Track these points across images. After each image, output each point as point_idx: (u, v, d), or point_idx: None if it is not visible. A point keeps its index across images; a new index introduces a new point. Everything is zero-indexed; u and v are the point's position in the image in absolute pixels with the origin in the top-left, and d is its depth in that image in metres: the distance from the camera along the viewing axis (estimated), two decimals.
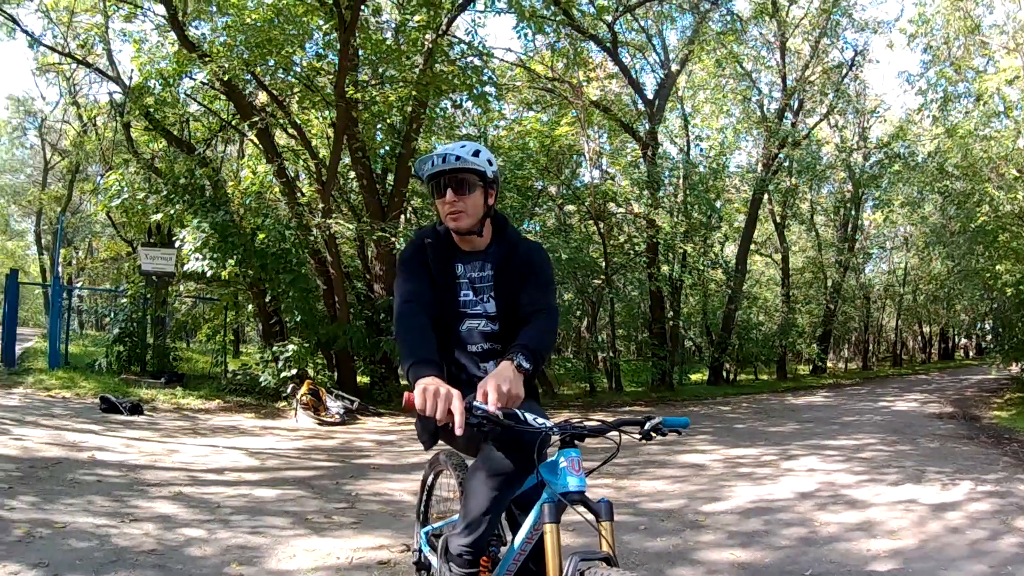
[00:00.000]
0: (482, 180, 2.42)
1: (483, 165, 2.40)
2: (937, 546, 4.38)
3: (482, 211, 2.45)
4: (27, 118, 31.68)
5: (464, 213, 2.42)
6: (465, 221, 2.43)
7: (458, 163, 2.38)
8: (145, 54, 12.89)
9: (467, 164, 2.38)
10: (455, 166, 2.38)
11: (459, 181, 2.40)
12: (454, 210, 2.41)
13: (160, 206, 11.88)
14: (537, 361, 2.23)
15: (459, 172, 2.40)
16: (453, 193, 2.39)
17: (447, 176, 2.40)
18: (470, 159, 2.38)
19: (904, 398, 16.12)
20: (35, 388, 10.58)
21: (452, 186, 2.39)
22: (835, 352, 35.52)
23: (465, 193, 2.40)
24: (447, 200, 2.40)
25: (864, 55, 22.57)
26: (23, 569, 3.46)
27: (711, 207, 19.41)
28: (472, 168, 2.39)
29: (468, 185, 2.40)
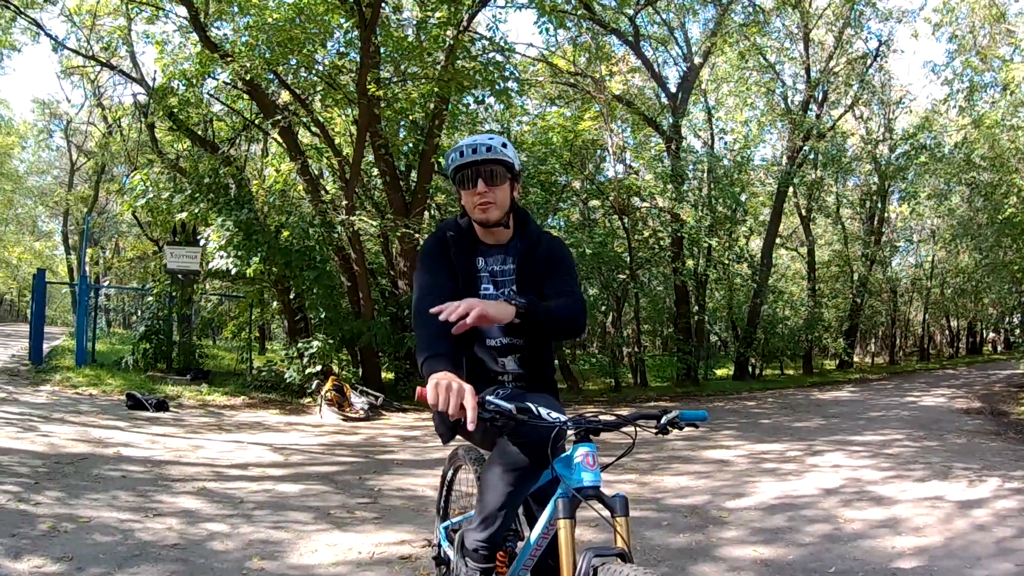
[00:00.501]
0: (510, 172, 2.42)
1: (512, 157, 2.40)
2: (963, 544, 4.31)
3: (508, 203, 2.45)
4: (53, 120, 32.17)
5: (494, 204, 2.40)
6: (495, 213, 2.42)
7: (490, 154, 2.36)
8: (168, 55, 13.02)
9: (498, 155, 2.37)
10: (487, 156, 2.36)
11: (490, 172, 2.38)
12: (484, 201, 2.39)
13: (184, 205, 11.98)
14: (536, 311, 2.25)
15: (490, 163, 2.38)
16: (484, 184, 2.38)
17: (478, 167, 2.38)
18: (500, 150, 2.37)
19: (931, 393, 15.89)
20: (62, 385, 10.74)
21: (483, 176, 2.38)
22: (861, 346, 35.12)
23: (496, 184, 2.39)
24: (478, 191, 2.39)
25: (888, 45, 22.26)
26: (47, 563, 3.51)
27: (736, 201, 19.25)
28: (503, 159, 2.38)
29: (498, 176, 2.39)
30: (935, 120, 23.11)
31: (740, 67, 21.51)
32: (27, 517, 4.25)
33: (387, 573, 3.65)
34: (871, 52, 22.20)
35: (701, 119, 23.12)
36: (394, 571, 3.68)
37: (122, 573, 3.44)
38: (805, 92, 22.01)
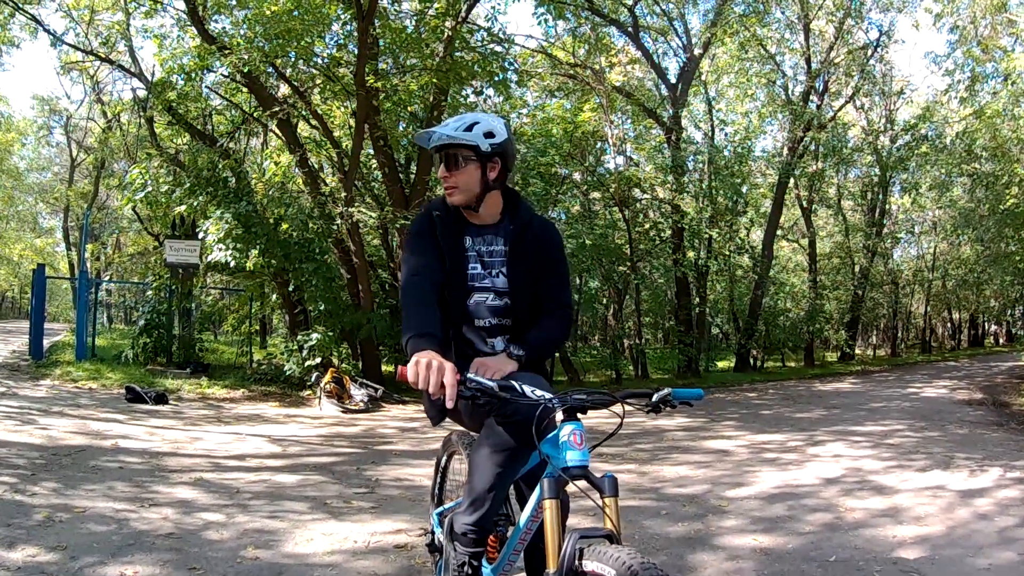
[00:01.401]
0: (476, 154, 2.37)
1: (476, 139, 2.35)
2: (965, 533, 4.29)
3: (478, 186, 2.40)
4: (52, 117, 32.19)
5: (456, 188, 2.40)
6: (457, 196, 2.42)
7: (447, 139, 2.36)
8: (167, 50, 12.97)
9: (455, 140, 2.35)
10: (445, 142, 2.37)
11: (449, 156, 2.39)
12: (447, 185, 2.41)
13: (183, 198, 11.95)
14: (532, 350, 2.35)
15: (448, 148, 2.39)
16: (444, 169, 2.39)
17: (441, 151, 2.40)
18: (458, 135, 2.35)
19: (933, 384, 15.86)
20: (62, 380, 10.75)
21: (443, 162, 2.40)
22: (863, 339, 35.09)
23: (456, 168, 2.38)
24: (440, 175, 2.42)
25: (889, 36, 22.20)
26: (41, 552, 3.50)
27: (736, 192, 19.20)
28: (461, 143, 2.36)
29: (459, 160, 2.38)
30: (936, 111, 23.03)
31: (740, 58, 21.40)
32: (23, 508, 4.25)
33: (382, 562, 3.62)
34: (872, 43, 22.13)
35: (701, 110, 23.03)
36: (389, 560, 3.65)
37: (116, 562, 3.42)
38: (806, 83, 21.91)
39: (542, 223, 2.58)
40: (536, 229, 2.52)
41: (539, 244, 2.51)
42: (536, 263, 2.49)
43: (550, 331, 2.46)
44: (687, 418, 9.99)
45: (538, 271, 2.49)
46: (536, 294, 2.49)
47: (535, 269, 2.49)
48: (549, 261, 2.52)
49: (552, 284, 2.51)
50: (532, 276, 2.48)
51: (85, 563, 3.38)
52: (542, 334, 2.43)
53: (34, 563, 3.36)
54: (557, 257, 2.54)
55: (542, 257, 2.51)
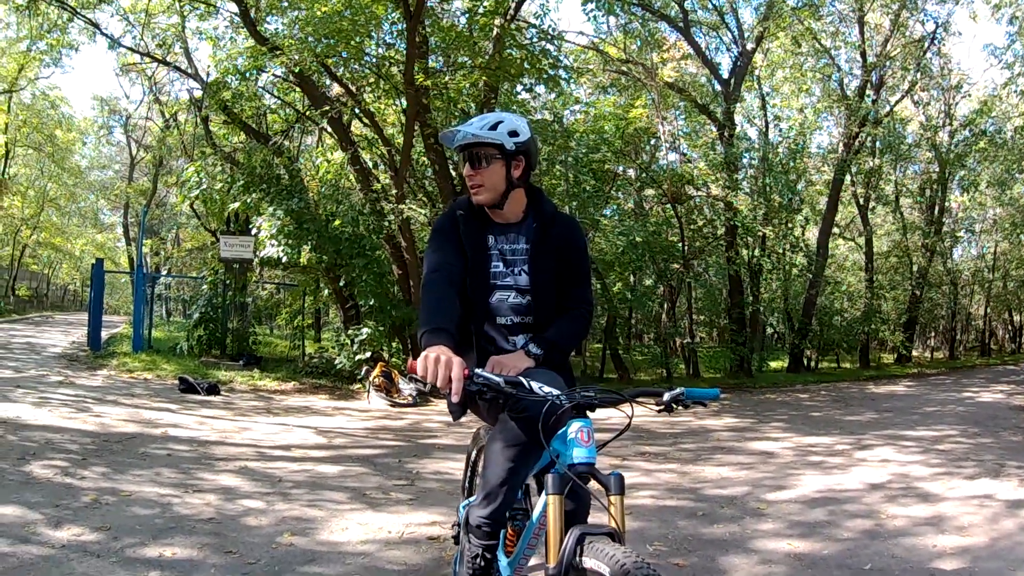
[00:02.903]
0: (501, 153, 2.40)
1: (500, 138, 2.38)
2: (1008, 545, 4.15)
3: (503, 184, 2.44)
4: (112, 116, 33.25)
5: (482, 187, 2.43)
6: (483, 195, 2.45)
7: (472, 139, 2.39)
8: (222, 51, 13.29)
9: (481, 139, 2.38)
10: (468, 142, 2.40)
11: (474, 156, 2.42)
12: (472, 184, 2.44)
13: (238, 195, 12.25)
14: (550, 350, 2.38)
15: (472, 147, 2.41)
16: (470, 168, 2.42)
17: (466, 151, 2.43)
18: (483, 133, 2.38)
19: (990, 389, 15.35)
20: (118, 370, 11.13)
21: (468, 161, 2.42)
22: (920, 340, 34.05)
23: (481, 167, 2.41)
24: (466, 174, 2.44)
25: (947, 28, 21.44)
26: (85, 531, 3.67)
27: (791, 189, 18.83)
28: (486, 142, 2.38)
29: (483, 159, 2.41)
30: (995, 105, 22.19)
31: (794, 52, 20.97)
32: (71, 490, 4.44)
33: (413, 552, 3.70)
34: (928, 35, 21.42)
35: (755, 106, 22.65)
36: (421, 551, 3.73)
37: (156, 543, 3.57)
38: (861, 77, 21.35)
39: (565, 221, 2.60)
40: (559, 227, 2.55)
41: (561, 242, 2.54)
42: (558, 261, 2.52)
43: (569, 329, 2.49)
44: (735, 418, 9.90)
45: (560, 269, 2.52)
46: (558, 292, 2.52)
47: (557, 267, 2.52)
48: (571, 259, 2.54)
49: (573, 282, 2.55)
50: (554, 274, 2.51)
51: (126, 543, 3.54)
52: (561, 332, 2.46)
53: (78, 542, 3.52)
54: (579, 255, 2.57)
55: (564, 255, 2.53)
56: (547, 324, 2.48)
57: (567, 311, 2.53)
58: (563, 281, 2.53)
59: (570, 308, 2.53)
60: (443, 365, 1.88)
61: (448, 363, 1.88)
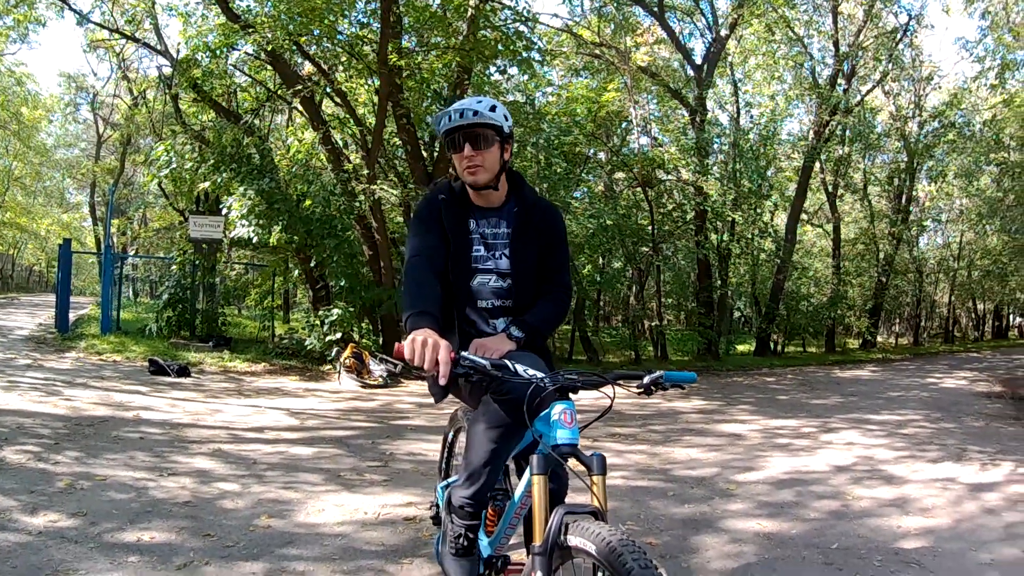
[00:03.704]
0: (499, 135, 2.42)
1: (499, 120, 2.39)
2: (970, 527, 4.28)
3: (499, 166, 2.46)
4: (79, 94, 32.52)
5: (482, 167, 2.42)
6: (482, 175, 2.44)
7: (475, 118, 2.37)
8: (192, 27, 13.05)
9: (484, 119, 2.37)
10: (472, 121, 2.37)
11: (476, 135, 2.39)
12: (471, 164, 2.42)
13: (208, 175, 12.08)
14: (531, 332, 2.41)
15: (476, 127, 2.39)
16: (471, 147, 2.40)
17: (464, 131, 2.40)
18: (487, 114, 2.38)
19: (953, 375, 15.73)
20: (87, 352, 10.97)
21: (469, 140, 2.39)
22: (886, 327, 34.76)
23: (482, 147, 2.40)
24: (464, 155, 2.41)
25: (919, 20, 21.84)
26: (62, 518, 3.63)
27: (761, 175, 19.06)
28: (489, 123, 2.39)
29: (485, 139, 2.40)
30: (965, 98, 22.61)
31: (767, 40, 21.13)
32: (46, 475, 4.39)
33: (390, 533, 3.72)
34: (901, 27, 21.75)
35: (727, 92, 22.82)
36: (398, 531, 3.75)
37: (133, 528, 3.55)
38: (833, 66, 21.61)
39: (545, 206, 2.64)
40: (540, 213, 2.58)
41: (542, 227, 2.57)
42: (539, 246, 2.55)
43: (549, 312, 2.52)
44: (703, 400, 10.03)
45: (540, 254, 2.55)
46: (537, 276, 2.55)
47: (538, 252, 2.55)
48: (551, 244, 2.58)
49: (553, 266, 2.58)
50: (534, 259, 2.54)
51: (104, 528, 3.51)
52: (541, 315, 2.49)
53: (55, 528, 3.48)
54: (559, 240, 2.60)
55: (545, 240, 2.56)
56: (526, 308, 2.51)
57: (546, 295, 2.56)
58: (543, 266, 2.56)
59: (549, 292, 2.56)
60: (430, 348, 1.89)
61: (435, 346, 1.90)
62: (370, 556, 3.38)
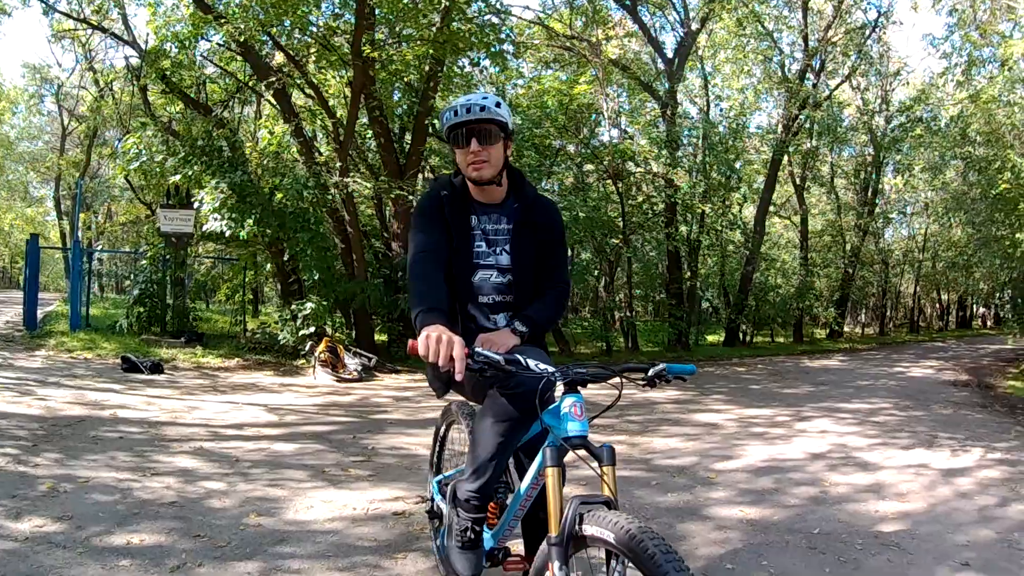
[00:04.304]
0: (503, 131, 2.43)
1: (505, 116, 2.42)
2: (945, 510, 4.43)
3: (501, 162, 2.48)
4: (44, 85, 31.79)
5: (488, 163, 2.43)
6: (488, 171, 2.45)
7: (483, 113, 2.38)
8: (160, 17, 12.84)
9: (492, 115, 2.39)
10: (480, 116, 2.38)
11: (483, 131, 2.40)
12: (478, 160, 2.42)
13: (178, 168, 11.91)
14: (535, 327, 2.43)
15: (484, 123, 2.40)
16: (477, 143, 2.40)
17: (471, 126, 2.40)
18: (494, 109, 2.39)
19: (919, 364, 16.09)
20: (57, 350, 10.78)
21: (476, 136, 2.40)
22: (852, 317, 35.40)
23: (489, 143, 2.41)
24: (471, 150, 2.41)
25: (888, 16, 22.10)
26: (48, 522, 3.55)
27: (730, 168, 19.27)
28: (496, 119, 2.40)
29: (491, 135, 2.41)
30: (932, 93, 23.05)
31: (738, 34, 21.33)
32: (26, 479, 4.28)
33: (381, 528, 3.73)
34: (870, 23, 22.07)
35: (697, 85, 23.01)
36: (388, 526, 3.76)
37: (122, 531, 3.49)
38: (802, 61, 21.89)
39: (544, 203, 2.66)
40: (540, 209, 2.61)
41: (542, 223, 2.59)
42: (539, 242, 2.58)
43: (550, 308, 2.55)
44: (677, 391, 10.13)
45: (540, 249, 2.58)
46: (537, 272, 2.58)
47: (537, 248, 2.57)
48: (551, 240, 2.61)
49: (553, 263, 2.61)
50: (534, 254, 2.57)
51: (92, 532, 3.44)
52: (543, 311, 2.51)
53: (41, 533, 3.39)
54: (558, 236, 2.64)
55: (544, 236, 2.59)
56: (526, 303, 2.54)
57: (546, 290, 2.59)
58: (543, 262, 2.59)
59: (549, 287, 2.60)
60: (444, 344, 1.91)
61: (450, 342, 1.92)
62: (364, 552, 3.38)
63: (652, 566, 1.58)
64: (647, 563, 1.59)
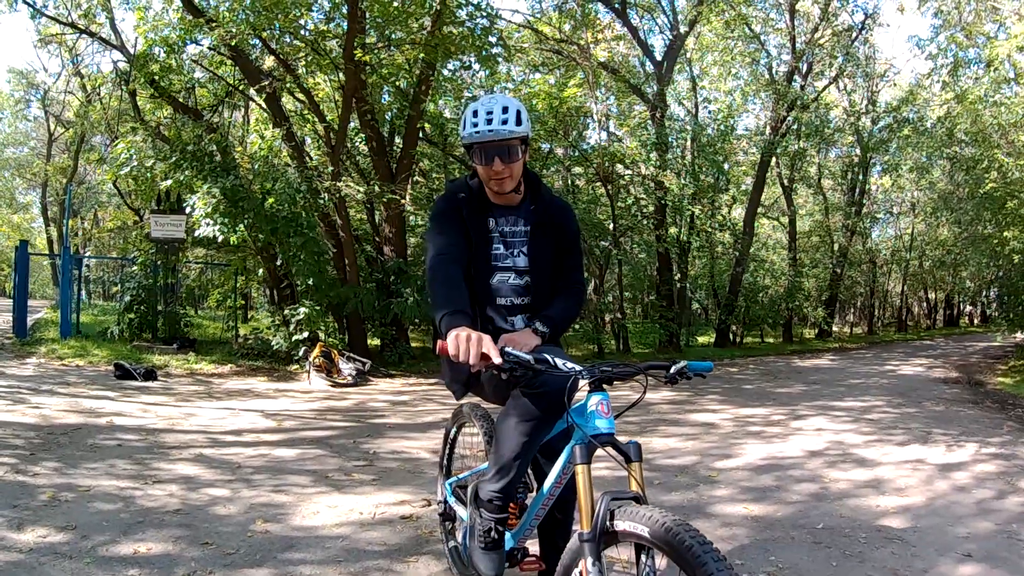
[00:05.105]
0: (524, 143, 2.44)
1: (527, 128, 2.41)
2: (945, 503, 4.48)
3: (521, 171, 2.50)
4: (30, 90, 31.56)
5: (510, 178, 2.46)
6: (509, 185, 2.49)
7: (505, 129, 2.36)
8: (149, 22, 12.77)
9: (516, 133, 2.38)
10: (506, 137, 2.37)
11: (508, 149, 2.40)
12: (502, 177, 2.44)
13: (169, 173, 11.86)
14: (555, 327, 2.47)
15: (509, 140, 2.39)
16: (501, 162, 2.41)
17: (496, 144, 2.39)
18: (518, 129, 2.38)
19: (909, 363, 16.21)
20: (48, 357, 10.69)
21: (499, 154, 2.40)
22: (841, 316, 35.61)
23: (512, 160, 2.42)
24: (495, 168, 2.41)
25: (874, 18, 22.35)
26: (51, 532, 3.50)
27: (719, 169, 19.40)
28: (520, 136, 2.40)
29: (513, 151, 2.42)
30: (918, 94, 23.28)
31: (725, 37, 21.49)
32: (26, 488, 4.22)
33: (390, 532, 3.72)
34: (856, 25, 22.30)
35: (686, 88, 23.13)
36: (396, 530, 3.76)
37: (128, 540, 3.45)
38: (790, 63, 22.06)
39: (560, 205, 2.68)
40: (556, 211, 2.63)
41: (558, 226, 2.62)
42: (555, 244, 2.60)
43: (568, 308, 2.57)
44: (672, 391, 10.19)
45: (556, 251, 2.61)
46: (553, 273, 2.60)
47: (553, 249, 2.60)
48: (567, 242, 2.63)
49: (569, 264, 2.64)
50: (551, 256, 2.59)
51: (97, 542, 3.40)
52: (562, 311, 2.54)
53: (46, 543, 3.35)
54: (573, 238, 2.66)
55: (560, 238, 2.62)
56: (543, 304, 2.56)
57: (563, 291, 2.61)
58: (559, 264, 2.61)
59: (567, 289, 2.62)
60: (474, 343, 1.94)
61: (479, 341, 1.95)
62: (375, 556, 3.38)
63: (690, 557, 1.61)
64: (685, 555, 1.62)
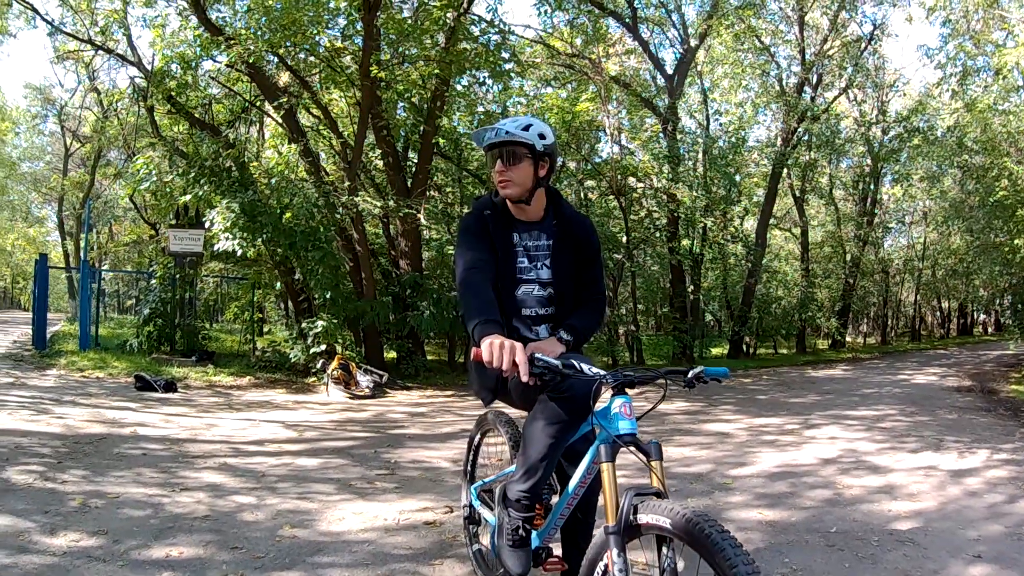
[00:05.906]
0: (531, 152, 2.59)
1: (531, 139, 2.58)
2: (956, 508, 4.56)
3: (531, 182, 2.63)
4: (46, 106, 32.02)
5: (511, 182, 2.62)
6: (512, 189, 2.63)
7: (506, 136, 2.57)
8: (165, 39, 13.03)
9: (513, 137, 2.57)
10: (503, 139, 2.58)
11: (507, 153, 2.60)
12: (502, 179, 2.62)
13: (188, 188, 12.06)
14: (578, 336, 2.62)
15: (507, 144, 2.59)
16: (501, 163, 2.61)
17: (498, 148, 2.61)
18: (517, 133, 2.57)
19: (923, 372, 16.19)
20: (68, 369, 10.87)
21: (501, 157, 2.60)
22: (854, 326, 35.48)
23: (512, 164, 2.60)
24: (497, 169, 2.62)
25: (883, 29, 22.43)
26: (84, 537, 3.61)
27: (731, 181, 19.47)
28: (519, 141, 2.57)
29: (515, 156, 2.60)
30: (928, 104, 23.32)
31: (735, 49, 21.61)
32: (56, 495, 4.33)
33: (415, 537, 3.84)
34: (865, 35, 22.39)
35: (697, 100, 23.27)
36: (421, 535, 3.87)
37: (159, 544, 3.55)
38: (800, 74, 22.16)
39: (581, 219, 2.83)
40: (577, 226, 2.78)
41: (580, 240, 2.76)
42: (576, 257, 2.75)
43: (591, 318, 2.72)
44: (686, 402, 10.26)
45: (578, 264, 2.75)
46: (575, 285, 2.74)
47: (575, 262, 2.75)
48: (588, 254, 2.78)
49: (591, 276, 2.78)
50: (572, 269, 2.74)
51: (129, 546, 3.50)
52: (585, 321, 2.69)
53: (79, 548, 3.45)
54: (594, 251, 2.80)
55: (582, 251, 2.76)
56: (566, 315, 2.72)
57: (585, 302, 2.76)
58: (581, 276, 2.76)
59: (589, 300, 2.77)
60: (507, 350, 2.08)
61: (512, 349, 2.08)
62: (401, 560, 3.49)
63: (710, 544, 1.72)
64: (705, 543, 1.73)
